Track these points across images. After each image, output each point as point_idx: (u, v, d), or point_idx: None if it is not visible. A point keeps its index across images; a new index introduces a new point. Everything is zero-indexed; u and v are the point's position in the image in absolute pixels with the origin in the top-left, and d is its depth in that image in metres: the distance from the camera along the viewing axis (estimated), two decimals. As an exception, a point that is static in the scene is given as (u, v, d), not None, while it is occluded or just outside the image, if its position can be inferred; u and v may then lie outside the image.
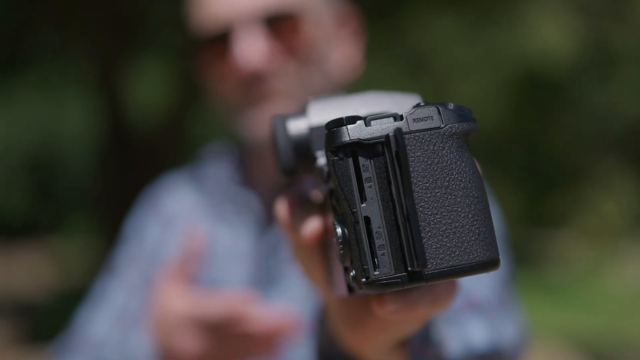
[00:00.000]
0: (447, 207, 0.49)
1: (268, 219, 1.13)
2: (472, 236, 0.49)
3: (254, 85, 1.05)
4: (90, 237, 11.42)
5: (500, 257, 1.02)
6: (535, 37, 13.55)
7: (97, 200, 11.03)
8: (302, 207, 0.62)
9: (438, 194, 0.49)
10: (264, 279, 1.09)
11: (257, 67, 1.04)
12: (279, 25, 1.06)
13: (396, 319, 0.55)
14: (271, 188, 1.13)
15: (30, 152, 10.23)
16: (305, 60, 1.07)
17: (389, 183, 0.49)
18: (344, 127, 0.49)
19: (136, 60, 8.79)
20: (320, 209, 0.61)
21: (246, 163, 1.18)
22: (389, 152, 0.49)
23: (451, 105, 0.52)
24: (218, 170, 1.21)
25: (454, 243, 0.49)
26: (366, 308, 0.60)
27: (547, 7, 12.09)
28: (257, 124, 1.06)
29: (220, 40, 1.07)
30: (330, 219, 0.56)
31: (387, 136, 0.49)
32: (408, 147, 0.49)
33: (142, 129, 6.25)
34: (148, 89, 10.77)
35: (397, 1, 6.33)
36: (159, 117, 6.31)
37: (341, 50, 1.15)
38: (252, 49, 1.04)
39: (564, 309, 8.56)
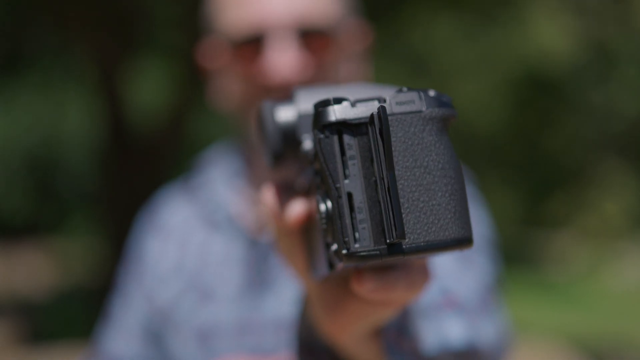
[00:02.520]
0: (426, 186, 0.52)
1: (261, 225, 1.14)
2: (448, 214, 0.52)
3: (280, 95, 1.05)
4: (91, 237, 11.42)
5: (488, 259, 1.02)
6: (535, 37, 13.56)
7: (98, 200, 11.02)
8: (288, 194, 0.64)
9: (417, 173, 0.52)
10: (257, 283, 1.10)
11: (288, 77, 1.05)
12: (312, 39, 1.07)
13: (374, 299, 0.57)
14: None
15: (31, 152, 10.24)
16: (331, 76, 1.09)
17: (371, 161, 0.52)
18: (331, 107, 0.52)
19: (137, 60, 8.78)
20: (304, 196, 0.63)
21: (250, 165, 1.19)
22: (372, 129, 0.51)
23: (432, 92, 0.54)
24: (215, 177, 1.21)
25: (430, 220, 0.51)
26: (344, 293, 0.62)
27: (546, 7, 12.10)
28: None
29: (251, 43, 1.07)
30: (314, 203, 0.58)
31: (371, 115, 0.51)
32: (390, 128, 0.52)
33: (143, 129, 6.25)
34: (149, 89, 10.76)
35: (397, 2, 6.34)
36: (160, 117, 6.32)
37: (356, 66, 1.17)
38: (285, 59, 1.04)
39: (563, 308, 8.58)
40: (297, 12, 1.06)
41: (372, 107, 0.52)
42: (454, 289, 0.85)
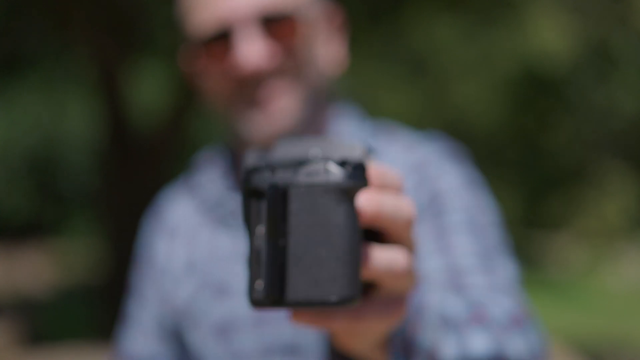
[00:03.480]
0: (316, 250, 0.61)
1: None
2: (333, 276, 0.61)
3: (254, 85, 1.09)
4: (91, 236, 11.44)
5: (507, 259, 1.03)
6: (534, 38, 13.57)
7: (98, 200, 11.02)
8: None
9: (311, 238, 0.61)
10: None
11: (258, 66, 1.08)
12: (276, 26, 1.09)
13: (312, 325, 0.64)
14: None
15: (32, 152, 10.28)
16: (302, 59, 1.11)
17: (275, 224, 0.61)
18: (253, 174, 0.63)
19: (137, 61, 8.75)
20: None
21: (237, 164, 1.22)
22: (272, 198, 0.61)
23: (347, 164, 0.63)
24: (211, 175, 1.24)
25: (316, 279, 0.61)
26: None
27: (545, 8, 12.10)
28: (259, 124, 1.10)
29: (219, 40, 1.10)
30: None
31: (266, 187, 0.61)
32: (293, 197, 0.62)
33: (143, 129, 6.27)
34: (149, 89, 10.76)
35: (397, 4, 6.36)
36: (160, 118, 6.34)
37: (329, 46, 1.19)
38: (252, 50, 1.08)
39: (562, 309, 8.60)
40: (258, 2, 1.09)
41: (283, 176, 0.62)
42: (483, 302, 0.87)
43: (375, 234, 0.66)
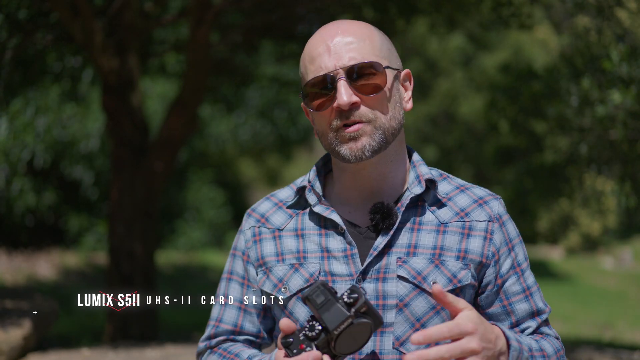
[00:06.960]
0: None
1: (361, 222, 1.60)
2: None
3: (348, 114, 1.53)
4: (96, 241, 11.69)
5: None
6: (528, 56, 13.89)
7: (105, 206, 11.11)
8: None
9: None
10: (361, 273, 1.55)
11: (352, 102, 1.52)
12: (364, 78, 1.53)
13: None
14: (365, 198, 1.62)
15: (39, 156, 10.38)
16: (382, 103, 1.56)
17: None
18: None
19: (148, 74, 8.95)
20: None
21: (334, 177, 1.67)
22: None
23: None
24: (311, 184, 1.67)
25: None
26: None
27: (538, 27, 12.38)
28: (350, 153, 1.55)
29: (326, 86, 1.54)
30: None
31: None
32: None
33: (150, 141, 6.27)
34: (156, 103, 10.99)
35: (404, 22, 6.63)
36: (167, 128, 6.27)
37: (402, 99, 1.62)
38: (348, 93, 1.52)
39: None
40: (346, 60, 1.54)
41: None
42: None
43: None
